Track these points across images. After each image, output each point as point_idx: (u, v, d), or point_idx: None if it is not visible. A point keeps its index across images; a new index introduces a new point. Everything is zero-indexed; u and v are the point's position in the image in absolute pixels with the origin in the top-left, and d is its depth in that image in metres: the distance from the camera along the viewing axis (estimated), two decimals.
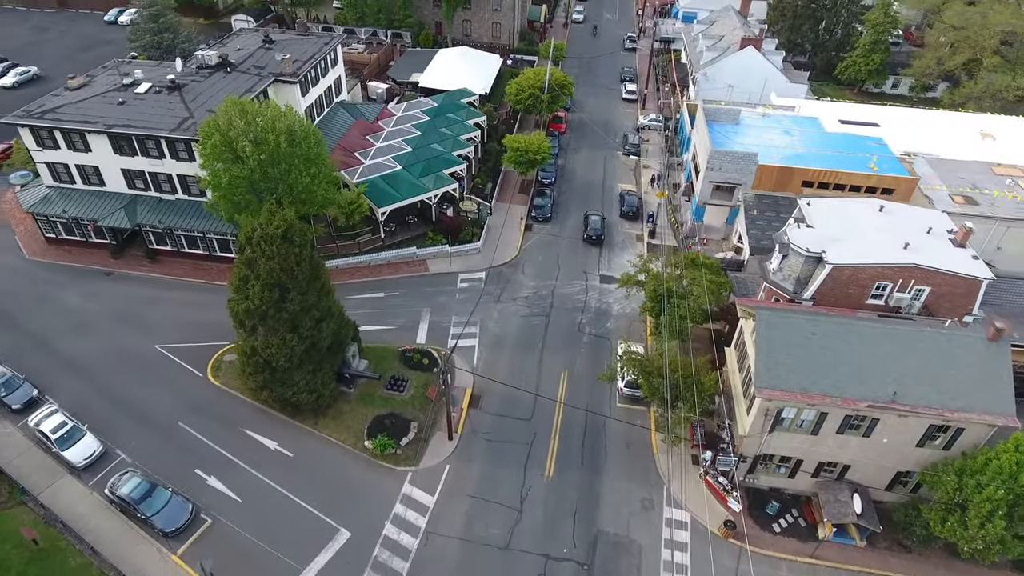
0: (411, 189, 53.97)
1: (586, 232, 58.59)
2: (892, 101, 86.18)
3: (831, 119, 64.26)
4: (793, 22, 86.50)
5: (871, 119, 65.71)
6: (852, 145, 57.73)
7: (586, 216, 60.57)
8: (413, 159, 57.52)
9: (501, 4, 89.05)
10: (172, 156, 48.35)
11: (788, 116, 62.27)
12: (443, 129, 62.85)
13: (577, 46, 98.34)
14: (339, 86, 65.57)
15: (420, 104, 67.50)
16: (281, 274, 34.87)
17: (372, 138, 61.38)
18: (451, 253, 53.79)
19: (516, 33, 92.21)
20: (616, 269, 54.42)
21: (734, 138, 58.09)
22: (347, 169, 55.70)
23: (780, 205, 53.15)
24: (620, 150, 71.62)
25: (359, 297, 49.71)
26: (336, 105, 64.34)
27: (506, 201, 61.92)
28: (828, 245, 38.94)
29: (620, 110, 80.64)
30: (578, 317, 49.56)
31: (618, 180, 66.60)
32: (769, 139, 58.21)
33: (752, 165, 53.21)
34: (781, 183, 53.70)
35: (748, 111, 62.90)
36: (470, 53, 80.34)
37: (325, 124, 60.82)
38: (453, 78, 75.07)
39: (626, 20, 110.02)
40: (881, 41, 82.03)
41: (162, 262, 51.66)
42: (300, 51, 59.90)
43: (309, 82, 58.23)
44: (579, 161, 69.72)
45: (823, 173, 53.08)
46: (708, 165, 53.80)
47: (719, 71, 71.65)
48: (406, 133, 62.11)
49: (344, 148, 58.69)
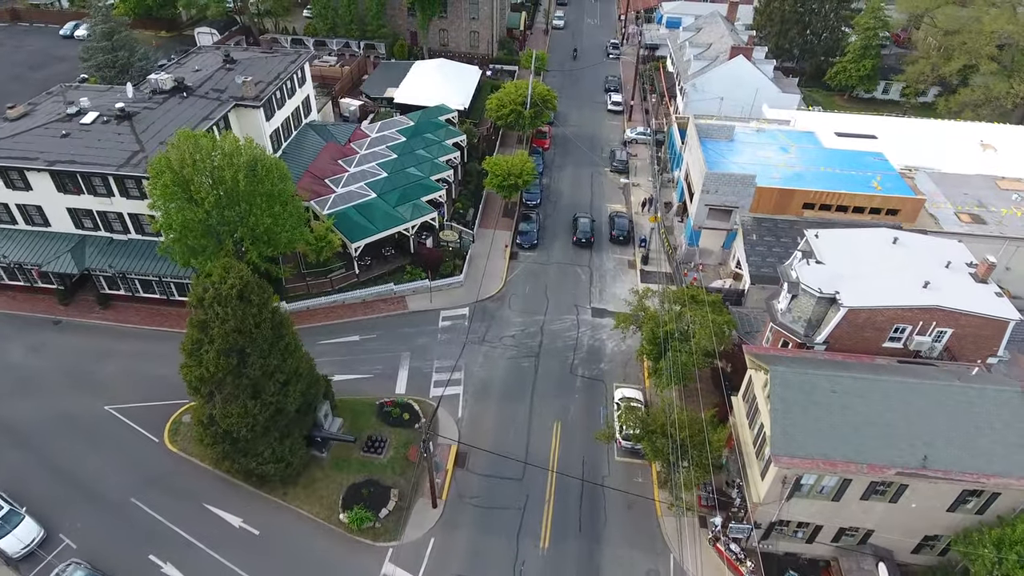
0: (387, 220, 50.10)
1: (575, 235, 57.08)
2: (884, 107, 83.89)
3: (827, 132, 61.44)
4: (781, 27, 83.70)
5: (868, 131, 63.01)
6: (852, 162, 54.83)
7: (575, 219, 58.81)
8: (388, 185, 53.67)
9: (478, 12, 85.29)
10: (122, 194, 44.13)
11: (784, 131, 59.26)
12: (420, 151, 59.04)
13: (558, 54, 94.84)
14: (308, 106, 61.46)
15: (395, 123, 63.60)
16: (238, 337, 30.96)
17: (344, 162, 57.41)
18: (431, 288, 50.07)
19: (495, 42, 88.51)
20: (608, 301, 51.04)
21: (729, 156, 54.95)
22: (317, 199, 51.73)
23: (780, 229, 50.09)
24: (607, 167, 68.25)
25: (332, 342, 45.85)
26: (305, 127, 60.23)
27: (490, 227, 58.26)
28: (841, 284, 35.78)
29: (606, 123, 77.27)
30: (570, 357, 46.07)
31: (607, 200, 63.20)
32: (766, 157, 55.13)
33: (750, 188, 50.11)
34: (781, 205, 50.66)
35: (742, 126, 59.81)
36: (447, 65, 76.52)
37: (293, 149, 56.73)
38: (430, 93, 71.25)
39: (608, 25, 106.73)
40: (872, 46, 79.48)
41: (116, 308, 47.35)
42: (264, 71, 55.72)
43: (274, 105, 54.09)
44: (565, 180, 66.24)
45: (825, 195, 50.12)
46: (703, 188, 50.59)
47: (708, 82, 68.53)
48: (381, 156, 58.23)
49: (314, 175, 54.67)
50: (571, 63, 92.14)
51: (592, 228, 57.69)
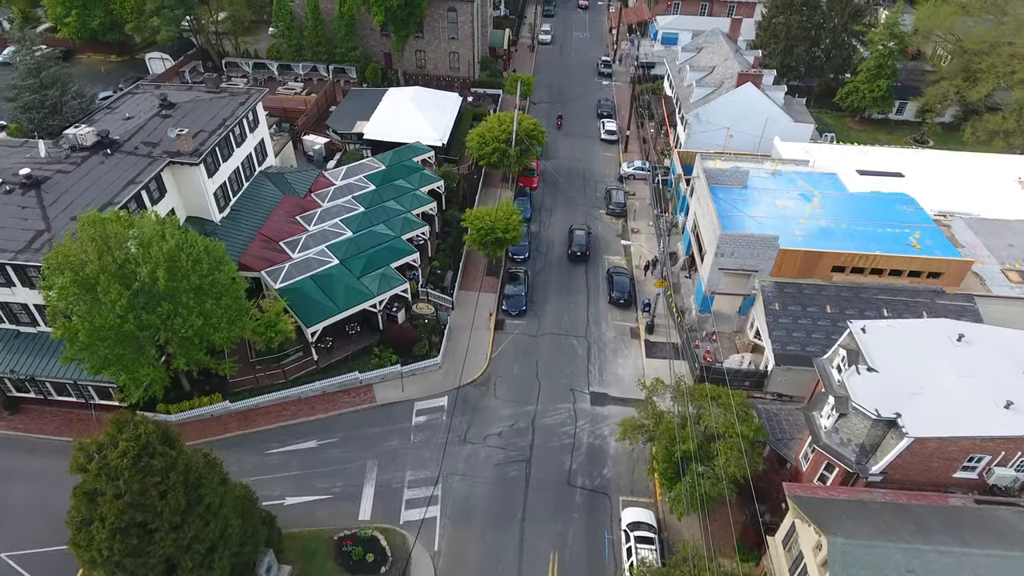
0: (349, 296, 42.84)
1: (570, 248, 54.82)
2: (899, 128, 77.52)
3: (849, 170, 54.82)
4: (786, 44, 76.89)
5: (892, 166, 56.46)
6: (883, 211, 48.17)
7: (571, 230, 56.36)
8: (353, 249, 46.41)
9: (458, 32, 77.92)
10: (24, 283, 36.63)
11: (802, 173, 52.44)
12: (391, 202, 51.80)
13: (546, 73, 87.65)
14: (263, 151, 53.98)
15: (363, 168, 56.26)
16: (137, 513, 23.73)
17: (304, 219, 50.08)
18: (403, 374, 42.88)
19: (477, 63, 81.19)
20: (609, 382, 44.08)
21: (743, 208, 48.10)
22: (270, 268, 44.44)
23: (806, 296, 43.41)
24: (603, 208, 61.23)
25: (285, 450, 38.63)
26: (260, 176, 52.74)
27: (472, 288, 51.14)
28: (902, 402, 29.02)
29: (600, 154, 70.24)
30: (567, 461, 39.07)
31: (603, 250, 56.17)
32: (785, 207, 48.32)
33: (772, 250, 43.28)
34: (807, 269, 43.90)
35: (755, 168, 52.94)
36: (423, 94, 69.15)
37: (244, 205, 49.28)
38: (404, 126, 63.96)
39: (598, 38, 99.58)
40: (887, 65, 72.83)
41: (26, 412, 39.88)
42: (207, 118, 48.21)
43: (218, 158, 46.64)
44: (556, 226, 59.14)
45: (857, 257, 43.39)
46: (717, 250, 43.69)
47: (713, 112, 61.63)
48: (346, 210, 50.96)
49: (266, 238, 47.33)
50: (559, 83, 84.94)
51: (588, 241, 55.29)
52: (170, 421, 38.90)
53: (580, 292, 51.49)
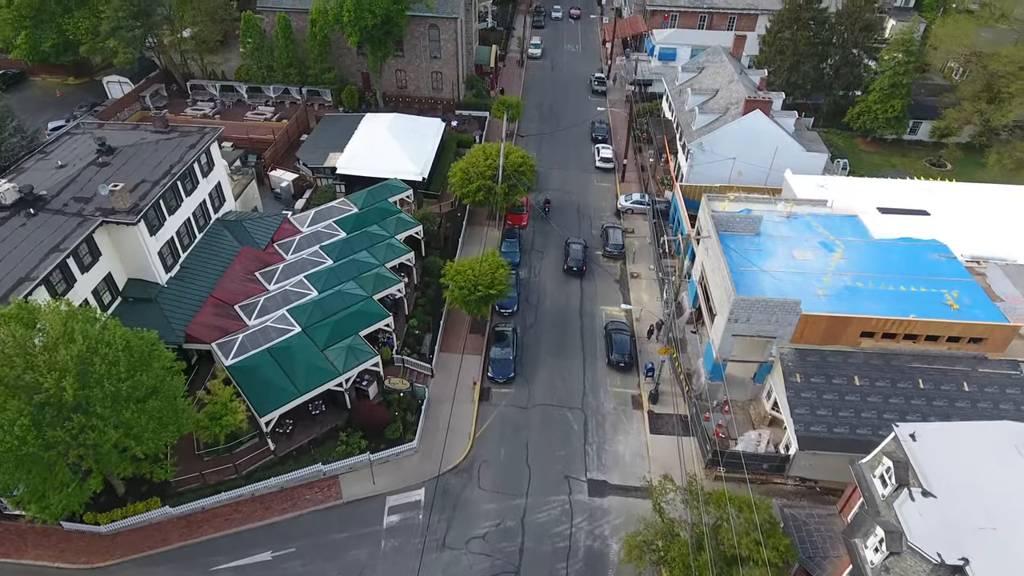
0: (311, 376, 37.37)
1: (566, 263, 52.88)
2: (913, 150, 72.48)
3: (868, 206, 49.92)
4: (794, 60, 71.66)
5: (915, 202, 51.50)
6: (913, 262, 43.07)
7: (567, 243, 54.48)
8: (318, 314, 40.93)
9: (440, 50, 72.42)
10: None
11: (821, 216, 47.21)
12: (363, 253, 46.36)
13: (536, 91, 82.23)
14: (220, 195, 48.43)
15: (333, 211, 50.75)
16: None
17: (263, 276, 44.61)
18: (373, 463, 37.44)
19: (462, 82, 75.71)
20: (610, 466, 38.81)
21: (756, 260, 42.86)
22: (221, 340, 38.97)
23: (831, 364, 38.24)
24: (600, 250, 55.88)
25: (233, 566, 33.16)
26: (216, 225, 47.19)
27: (454, 349, 45.77)
28: (967, 538, 23.85)
29: (594, 185, 64.90)
30: (562, 571, 33.74)
31: (600, 300, 50.86)
32: (804, 259, 43.10)
33: (793, 316, 38.08)
34: (832, 335, 38.77)
35: (767, 209, 47.76)
36: (402, 121, 63.61)
37: (195, 263, 43.74)
38: (381, 158, 58.51)
39: (590, 51, 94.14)
40: (901, 84, 67.72)
41: None
42: (151, 163, 42.63)
43: (163, 212, 41.12)
44: (548, 271, 53.77)
45: (890, 323, 38.25)
46: (731, 316, 38.44)
47: (718, 141, 56.37)
48: (312, 263, 45.54)
49: (219, 301, 41.83)
50: (550, 102, 79.54)
51: (585, 255, 53.32)
52: (100, 533, 33.40)
53: (575, 352, 46.17)
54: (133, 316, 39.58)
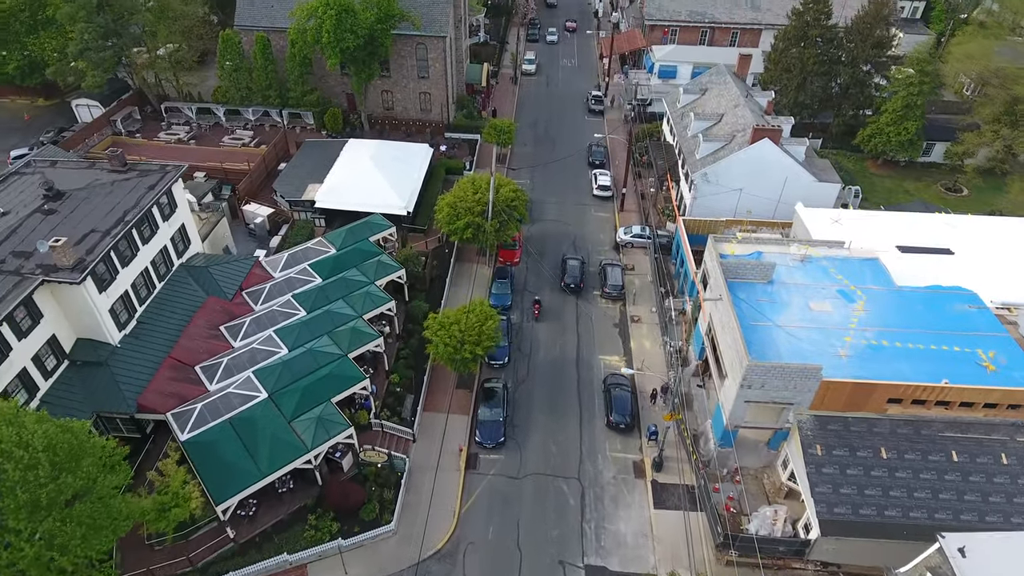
0: (276, 452, 33.44)
1: (563, 280, 51.57)
2: (927, 173, 68.86)
3: (886, 244, 46.30)
4: (801, 80, 67.91)
5: (935, 236, 47.87)
6: (941, 314, 39.31)
7: (563, 260, 53.09)
8: (287, 377, 37.04)
9: (429, 70, 68.56)
10: None
11: (838, 260, 43.36)
12: (340, 303, 42.45)
13: (530, 110, 78.42)
14: (184, 239, 44.48)
15: (309, 253, 46.87)
16: None
17: (229, 330, 40.67)
18: (343, 550, 33.47)
19: (451, 103, 71.89)
20: (610, 548, 34.90)
21: (770, 313, 39.01)
22: (177, 410, 35.06)
23: (856, 434, 34.61)
24: (597, 290, 52.03)
25: None
26: (180, 271, 43.24)
27: (438, 408, 41.89)
28: None
29: (591, 215, 61.02)
30: None
31: (598, 348, 46.99)
32: (822, 310, 39.26)
33: (813, 382, 34.26)
34: (855, 402, 34.97)
35: (779, 251, 43.91)
36: (386, 149, 59.72)
37: (154, 316, 39.79)
38: (363, 191, 54.69)
39: (587, 67, 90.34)
40: (916, 106, 64.00)
41: None
42: (103, 210, 38.70)
43: (115, 264, 37.18)
44: (541, 313, 49.85)
45: (919, 389, 34.42)
46: (744, 381, 34.58)
47: (724, 172, 52.66)
48: (283, 315, 41.64)
49: (179, 363, 37.89)
50: (545, 122, 75.74)
51: (583, 271, 52.13)
52: None
53: (571, 410, 42.29)
54: (81, 382, 35.88)
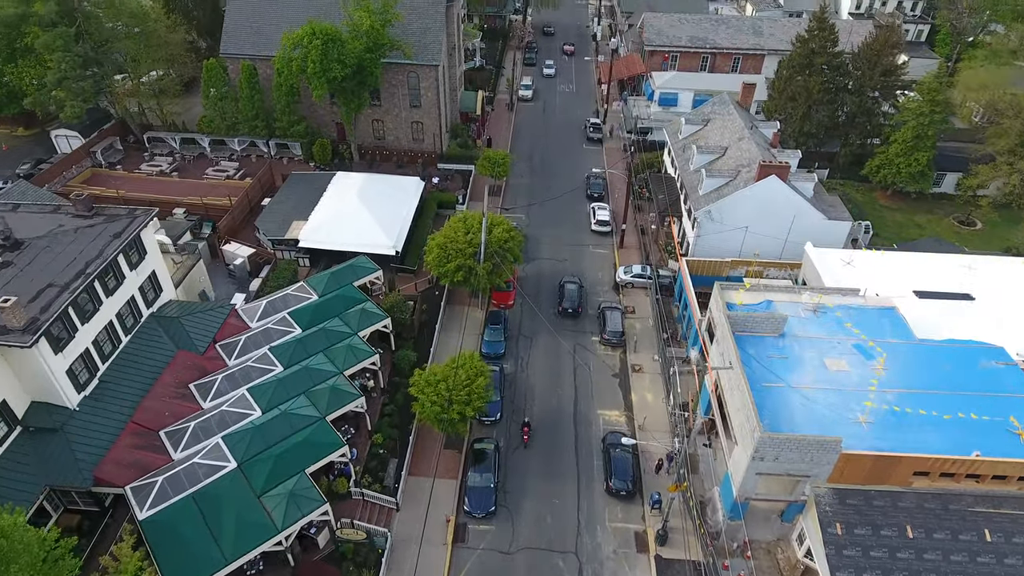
0: (243, 535, 30.41)
1: (561, 305, 50.59)
2: (939, 205, 66.40)
3: (902, 288, 43.55)
4: (806, 109, 65.53)
5: (954, 281, 45.15)
6: (967, 372, 36.44)
7: (561, 284, 52.01)
8: (259, 443, 34.12)
9: (421, 100, 66.20)
10: None
11: (853, 310, 40.53)
12: (319, 357, 39.59)
13: (526, 138, 76.04)
14: (155, 286, 41.66)
15: (289, 300, 44.08)
16: None
17: (199, 389, 37.80)
18: None
19: (444, 132, 69.49)
20: None
21: (781, 371, 36.10)
22: (137, 483, 32.10)
23: (878, 510, 31.79)
24: (596, 335, 49.19)
25: None
26: (149, 323, 40.36)
27: (424, 472, 38.89)
28: None
29: (590, 252, 58.31)
30: None
31: (597, 401, 44.05)
32: (839, 369, 36.35)
33: (831, 454, 31.31)
34: (878, 475, 32.06)
35: (790, 300, 41.07)
36: (375, 184, 57.20)
37: (118, 373, 36.83)
38: (350, 228, 52.22)
39: (585, 92, 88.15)
40: (927, 136, 61.56)
41: None
42: (64, 261, 35.91)
43: (74, 321, 34.36)
44: (536, 362, 47.03)
45: (948, 462, 31.47)
46: (756, 453, 31.64)
47: (728, 210, 50.07)
48: (258, 372, 38.82)
49: (141, 427, 34.98)
50: (541, 151, 73.32)
51: (581, 295, 51.44)
52: None
53: (568, 474, 39.28)
54: (34, 451, 33.01)
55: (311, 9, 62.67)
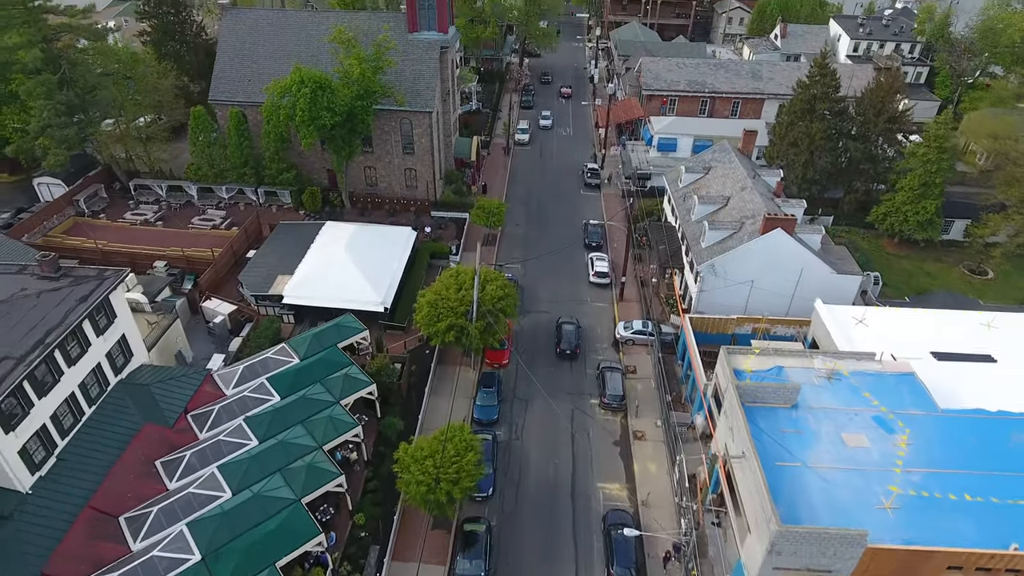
0: None
1: (559, 346, 49.66)
2: (948, 253, 64.15)
3: (918, 349, 41.03)
4: (808, 156, 63.82)
5: (973, 339, 42.70)
6: (997, 449, 33.74)
7: (558, 325, 51.13)
8: (225, 532, 31.17)
9: (414, 146, 64.56)
10: None
11: (869, 377, 37.88)
12: (297, 430, 36.79)
13: (522, 184, 74.32)
14: (125, 351, 39.02)
15: (269, 365, 41.36)
16: None
17: (166, 467, 34.92)
18: None
19: (439, 179, 67.73)
20: None
21: (795, 447, 33.33)
22: None
23: None
24: (595, 398, 46.43)
25: None
26: (117, 391, 37.60)
27: (409, 557, 35.73)
28: None
29: (589, 305, 55.86)
30: None
31: (597, 473, 41.06)
32: (858, 445, 33.56)
33: (856, 549, 28.36)
34: (907, 570, 28.98)
35: (802, 366, 38.45)
36: (364, 235, 55.07)
37: (77, 449, 33.97)
38: (337, 283, 49.87)
39: (583, 135, 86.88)
40: (934, 184, 59.74)
41: None
42: (23, 328, 33.33)
43: (29, 397, 31.69)
44: (531, 428, 44.17)
45: (984, 556, 28.51)
46: (772, 546, 28.70)
47: (732, 264, 47.88)
48: (231, 447, 35.98)
49: (100, 512, 32.01)
50: (538, 197, 71.52)
51: (579, 336, 50.38)
52: None
53: (566, 557, 36.17)
54: None
55: (302, 56, 61.52)
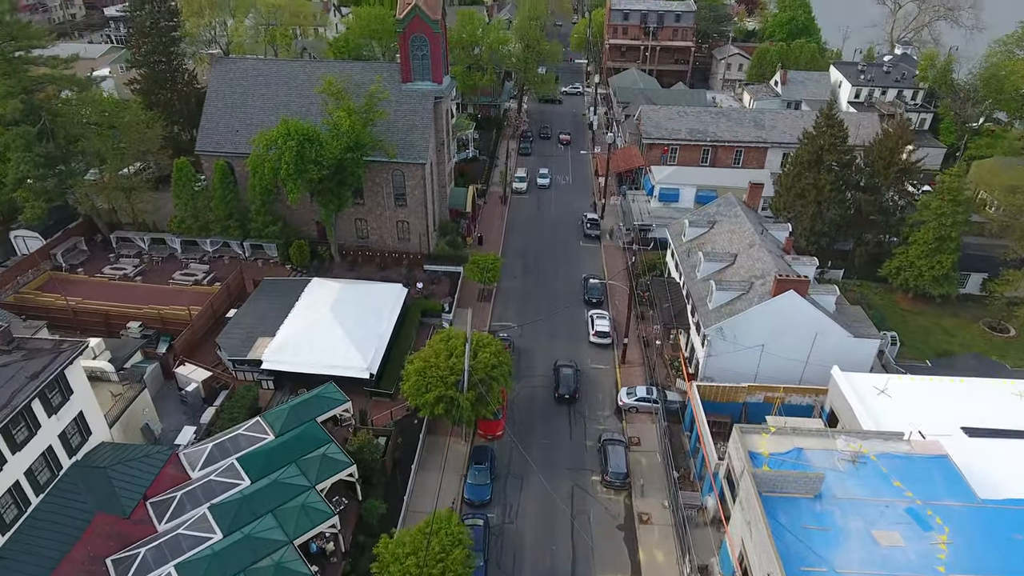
0: None
1: (557, 391, 48.34)
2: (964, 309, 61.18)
3: (947, 423, 37.70)
4: (817, 207, 61.39)
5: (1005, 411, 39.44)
6: None
7: (556, 368, 49.95)
8: None
9: (406, 198, 62.19)
10: None
11: (898, 460, 34.41)
12: (268, 520, 33.19)
13: (520, 235, 71.82)
14: (82, 429, 35.74)
15: (240, 443, 37.90)
16: None
17: (116, 567, 31.22)
18: None
19: (433, 231, 65.19)
20: None
21: (821, 545, 29.76)
22: None
23: None
24: (596, 475, 42.82)
25: None
26: (71, 475, 34.18)
27: None
28: None
29: (589, 366, 52.57)
30: None
31: (599, 564, 37.16)
32: (891, 544, 29.94)
33: None
34: None
35: (823, 447, 35.01)
36: (351, 295, 52.01)
37: (19, 547, 30.49)
38: (321, 347, 46.79)
39: (582, 184, 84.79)
40: (950, 238, 57.15)
41: None
42: None
43: None
44: (527, 510, 40.46)
45: None
46: None
47: (742, 327, 44.89)
48: (190, 541, 32.23)
49: None
50: (536, 249, 68.88)
51: (577, 379, 49.13)
52: None
53: None
54: None
55: (292, 106, 59.78)
